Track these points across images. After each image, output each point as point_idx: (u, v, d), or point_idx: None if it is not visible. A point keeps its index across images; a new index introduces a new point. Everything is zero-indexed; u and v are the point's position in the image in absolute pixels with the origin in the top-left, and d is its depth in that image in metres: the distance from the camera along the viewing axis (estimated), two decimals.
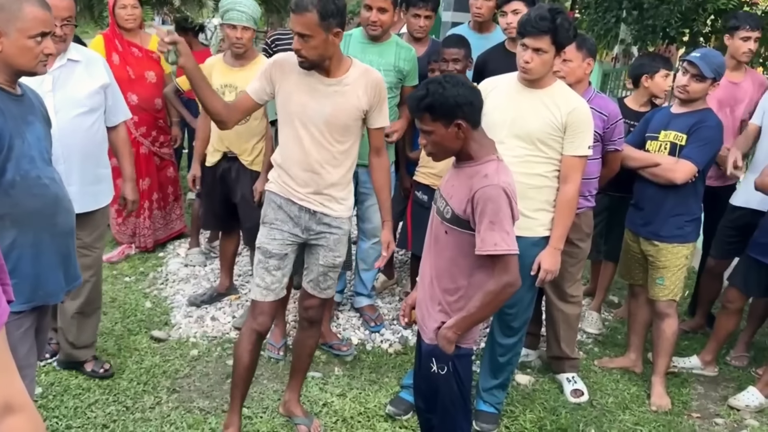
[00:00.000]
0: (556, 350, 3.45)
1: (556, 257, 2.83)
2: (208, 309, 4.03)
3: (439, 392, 2.30)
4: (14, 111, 2.16)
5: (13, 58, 2.11)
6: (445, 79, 2.14)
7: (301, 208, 2.72)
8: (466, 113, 2.12)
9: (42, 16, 2.13)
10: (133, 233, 4.79)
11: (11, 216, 2.15)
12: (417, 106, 2.14)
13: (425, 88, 2.14)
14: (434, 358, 2.25)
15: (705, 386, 3.63)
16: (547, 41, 2.66)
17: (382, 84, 2.74)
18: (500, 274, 2.12)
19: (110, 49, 4.44)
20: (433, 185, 3.52)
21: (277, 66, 2.65)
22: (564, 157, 2.79)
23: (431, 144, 2.19)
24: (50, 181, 2.28)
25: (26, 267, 2.22)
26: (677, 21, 6.03)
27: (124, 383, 3.21)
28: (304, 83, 2.62)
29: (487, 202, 2.08)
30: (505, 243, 2.08)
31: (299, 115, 2.63)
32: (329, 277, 2.84)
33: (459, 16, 7.41)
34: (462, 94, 2.11)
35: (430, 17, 3.90)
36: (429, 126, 2.14)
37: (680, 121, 3.26)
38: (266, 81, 2.66)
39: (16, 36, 2.09)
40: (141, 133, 4.59)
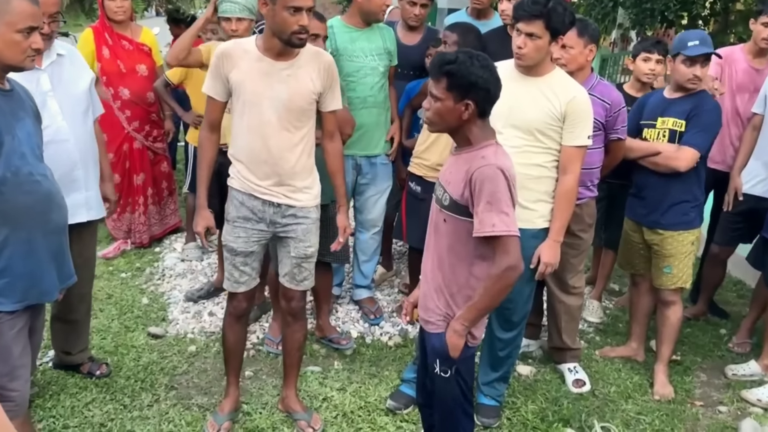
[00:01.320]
0: (558, 341, 3.42)
1: (555, 250, 2.78)
2: (206, 304, 3.99)
3: (441, 392, 2.26)
4: (3, 107, 2.12)
5: (1, 52, 2.07)
6: (477, 56, 2.09)
7: (264, 203, 2.66)
8: (480, 97, 2.07)
9: (30, 10, 2.09)
10: (128, 229, 4.75)
11: (3, 214, 2.12)
12: (440, 68, 2.08)
13: (455, 55, 2.08)
14: (438, 360, 2.21)
15: (708, 374, 3.61)
16: (540, 26, 2.60)
17: (333, 66, 2.69)
18: (500, 257, 2.05)
19: (100, 42, 4.38)
20: (426, 176, 3.47)
21: (225, 57, 2.57)
22: (563, 147, 2.74)
23: (434, 111, 2.13)
24: (42, 178, 2.23)
25: (19, 265, 2.18)
26: (676, 4, 5.98)
27: (122, 381, 3.18)
28: (255, 69, 2.54)
29: (484, 181, 2.03)
30: (504, 224, 2.02)
31: (255, 102, 2.56)
32: (304, 268, 2.79)
33: (455, 2, 7.34)
34: (485, 78, 2.06)
35: (426, 5, 3.85)
36: (441, 93, 2.09)
37: (677, 107, 3.20)
38: (217, 76, 2.59)
39: (3, 30, 2.05)
40: (134, 128, 4.53)
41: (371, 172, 3.76)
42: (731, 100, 3.85)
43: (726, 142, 3.86)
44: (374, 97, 3.61)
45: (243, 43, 2.62)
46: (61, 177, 2.48)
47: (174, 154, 5.69)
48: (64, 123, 2.70)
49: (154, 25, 8.49)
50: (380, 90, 3.64)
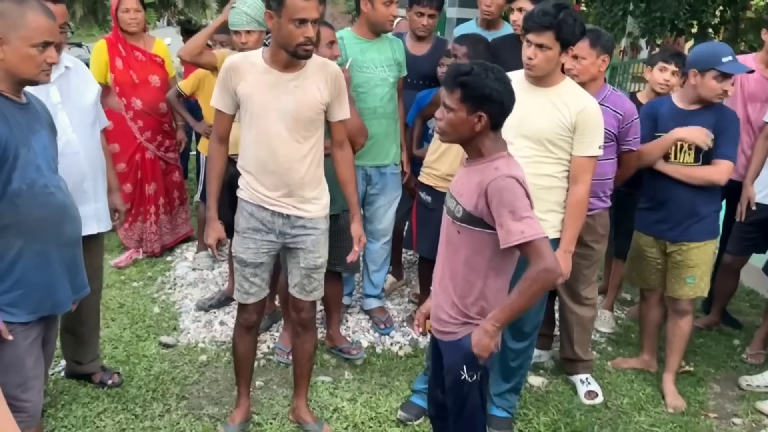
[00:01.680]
0: (570, 352, 3.40)
1: (567, 260, 2.77)
2: (217, 313, 4.00)
3: (463, 399, 2.24)
4: (20, 119, 2.13)
5: (15, 66, 2.08)
6: (493, 68, 2.09)
7: (273, 214, 2.67)
8: (493, 110, 2.07)
9: (46, 25, 2.10)
10: (140, 238, 4.77)
11: (17, 225, 2.13)
12: (454, 79, 2.08)
13: (471, 66, 2.08)
14: (466, 366, 2.19)
15: (721, 385, 3.58)
16: (550, 37, 2.60)
17: (340, 76, 2.69)
18: (535, 261, 2.03)
19: (113, 53, 4.41)
20: (437, 186, 3.47)
21: (232, 70, 2.58)
22: (574, 157, 2.73)
23: (447, 122, 2.13)
24: (57, 190, 2.25)
25: (33, 277, 2.19)
26: (686, 12, 5.97)
27: (133, 391, 3.19)
28: (262, 82, 2.56)
29: (502, 192, 2.03)
30: (532, 228, 2.01)
31: (263, 115, 2.57)
32: (313, 279, 2.80)
33: (465, 12, 7.37)
34: (499, 91, 2.06)
35: (433, 16, 3.86)
36: (454, 103, 2.08)
37: (700, 120, 3.13)
38: (225, 89, 2.61)
39: (18, 44, 2.06)
40: (146, 138, 4.56)
41: (381, 182, 3.76)
42: (743, 108, 3.84)
43: (738, 150, 3.84)
44: (384, 108, 3.62)
45: (250, 56, 2.63)
46: (72, 189, 2.49)
47: (185, 164, 5.73)
48: (74, 135, 2.73)
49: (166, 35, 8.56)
50: (390, 101, 3.65)
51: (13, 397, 2.18)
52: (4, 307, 2.13)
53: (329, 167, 2.84)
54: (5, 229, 2.11)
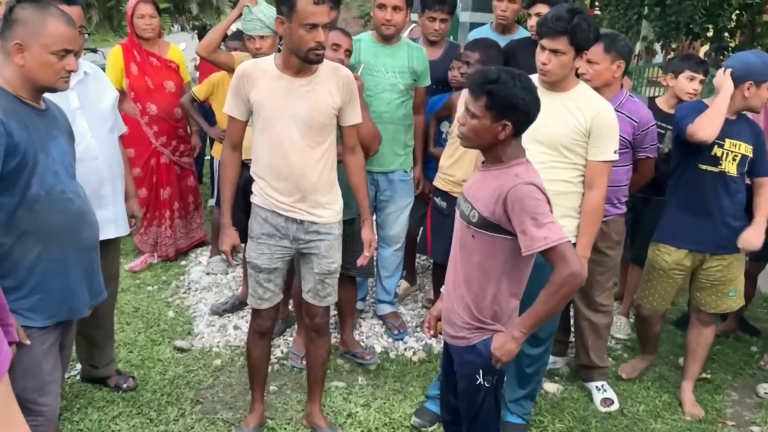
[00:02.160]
0: (585, 359, 3.38)
1: (583, 266, 2.74)
2: (231, 318, 4.01)
3: (478, 404, 2.23)
4: (38, 125, 2.15)
5: (34, 73, 2.10)
6: (520, 76, 2.07)
7: (287, 219, 2.67)
8: (519, 119, 2.06)
9: (66, 33, 2.12)
10: (154, 242, 4.79)
11: (36, 231, 2.14)
12: (480, 86, 2.05)
13: (498, 73, 2.05)
14: (482, 370, 2.18)
15: (739, 392, 3.53)
16: (564, 42, 2.58)
17: (352, 80, 2.70)
18: (561, 266, 2.02)
19: (129, 59, 4.44)
20: (452, 192, 3.46)
21: (244, 77, 2.59)
22: (589, 162, 2.71)
23: (469, 128, 2.11)
24: (75, 196, 2.26)
25: (51, 282, 2.21)
26: (701, 16, 5.93)
27: (148, 395, 3.20)
28: (274, 87, 2.57)
29: (523, 199, 2.01)
30: (555, 234, 2.00)
31: (275, 120, 2.57)
32: (327, 284, 2.80)
33: (478, 17, 7.34)
34: (526, 100, 2.04)
35: (445, 20, 3.85)
36: (478, 110, 2.06)
37: (742, 130, 3.06)
38: (238, 96, 2.62)
39: (38, 51, 2.08)
40: (161, 143, 4.59)
41: (389, 189, 3.74)
42: (765, 116, 3.79)
43: None
44: (390, 114, 3.57)
45: (261, 63, 2.64)
46: (90, 194, 2.50)
47: (200, 169, 5.75)
48: (93, 140, 2.75)
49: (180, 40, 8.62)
50: (398, 107, 3.59)
51: (31, 401, 2.20)
52: (22, 311, 2.15)
53: (342, 172, 2.84)
54: (24, 235, 2.13)
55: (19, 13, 2.07)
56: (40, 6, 2.11)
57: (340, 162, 2.82)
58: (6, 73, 2.10)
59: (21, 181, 2.08)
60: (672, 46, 6.88)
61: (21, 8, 2.08)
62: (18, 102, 2.11)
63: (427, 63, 3.67)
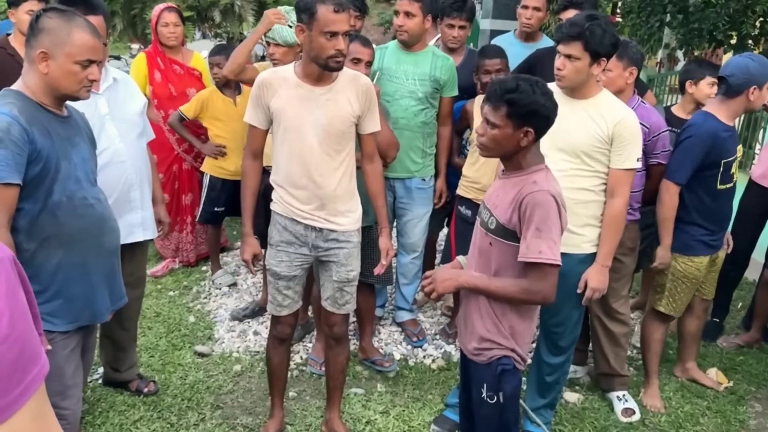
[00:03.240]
0: (605, 367, 3.34)
1: (603, 275, 2.73)
2: (251, 323, 4.03)
3: (487, 418, 2.24)
4: (61, 133, 2.18)
5: (58, 81, 2.12)
6: (537, 83, 2.08)
7: (306, 227, 2.68)
8: (539, 125, 2.08)
9: (91, 43, 2.14)
10: (176, 248, 4.84)
11: (58, 237, 2.17)
12: (500, 96, 2.06)
13: (516, 82, 2.06)
14: (485, 384, 2.19)
15: (763, 404, 3.48)
16: (578, 48, 2.56)
17: (371, 88, 2.70)
18: (537, 283, 2.05)
19: (152, 66, 4.51)
20: (476, 199, 3.46)
21: (265, 86, 2.60)
22: (611, 170, 2.69)
23: (490, 138, 2.11)
24: (96, 202, 2.29)
25: (73, 287, 2.24)
26: (725, 24, 5.87)
27: (169, 399, 3.22)
28: (294, 96, 2.58)
29: (535, 207, 2.02)
30: (551, 252, 2.01)
31: (295, 129, 2.58)
32: (346, 292, 2.80)
33: (498, 24, 7.34)
34: (546, 106, 2.06)
35: (464, 27, 3.85)
36: (499, 120, 2.07)
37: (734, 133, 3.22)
38: (258, 105, 2.63)
39: (63, 60, 2.10)
40: (183, 149, 4.64)
41: (407, 196, 3.73)
42: None
43: None
44: (407, 120, 3.57)
45: (281, 71, 2.65)
46: (119, 197, 2.53)
47: None
48: (122, 145, 2.78)
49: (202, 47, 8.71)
50: (416, 114, 3.58)
51: (53, 405, 2.21)
52: (44, 316, 2.16)
53: (361, 180, 2.85)
54: (46, 241, 2.16)
55: (46, 22, 2.09)
56: (66, 15, 2.13)
57: (359, 169, 2.83)
58: (29, 81, 2.13)
59: (43, 188, 2.11)
60: (695, 54, 6.81)
61: (47, 17, 2.10)
62: (41, 109, 2.14)
63: (454, 72, 3.64)
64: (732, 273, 4.06)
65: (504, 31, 4.76)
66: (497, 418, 2.22)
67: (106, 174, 2.41)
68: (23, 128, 2.02)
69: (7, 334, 0.76)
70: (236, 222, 5.71)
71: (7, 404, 0.76)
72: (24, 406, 0.78)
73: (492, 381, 2.17)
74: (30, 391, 0.78)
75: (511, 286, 2.09)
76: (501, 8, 7.41)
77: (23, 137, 2.01)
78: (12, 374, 0.77)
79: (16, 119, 2.01)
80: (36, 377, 0.79)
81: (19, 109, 2.05)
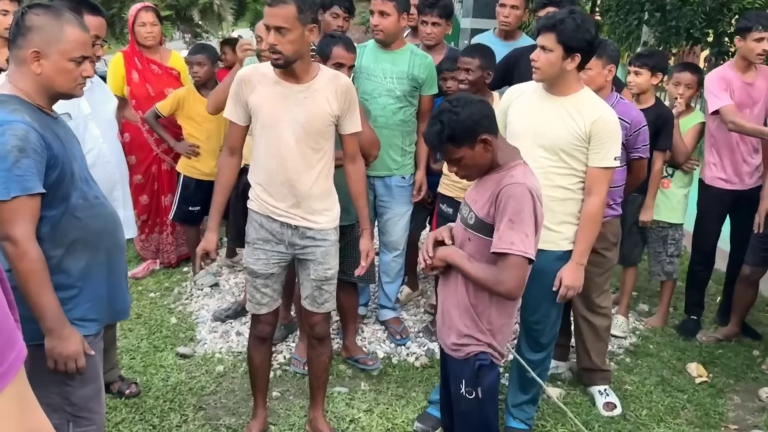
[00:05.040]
0: (587, 362, 3.37)
1: (578, 273, 2.72)
2: (233, 324, 4.01)
3: (466, 413, 2.25)
4: (61, 134, 2.10)
5: (53, 80, 2.03)
6: (452, 104, 2.12)
7: (282, 225, 2.67)
8: (486, 127, 2.10)
9: (83, 39, 2.06)
10: (156, 249, 4.80)
11: (83, 239, 2.11)
12: (438, 141, 2.12)
13: (438, 121, 2.10)
14: (464, 380, 2.21)
15: (741, 396, 3.53)
16: (552, 39, 2.56)
17: (351, 89, 2.69)
18: (505, 274, 2.06)
19: (130, 66, 4.46)
20: (458, 198, 3.47)
21: (244, 82, 2.61)
22: (589, 168, 2.69)
23: (463, 168, 2.17)
24: (104, 199, 2.25)
25: (99, 288, 2.18)
26: (701, 22, 5.93)
27: (151, 401, 3.20)
28: (273, 93, 2.58)
29: (509, 199, 2.04)
30: (523, 245, 2.03)
31: (272, 126, 2.58)
32: (324, 291, 2.79)
33: (478, 23, 7.37)
34: (476, 111, 2.08)
35: (437, 24, 3.86)
36: (456, 154, 2.12)
37: None
38: (237, 101, 2.63)
39: (56, 57, 2.00)
40: (162, 150, 4.60)
41: (387, 194, 3.74)
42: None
43: (739, 160, 3.93)
44: (385, 119, 3.57)
45: (261, 68, 2.65)
46: None
47: None
48: (105, 145, 2.77)
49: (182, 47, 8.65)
50: (395, 113, 3.58)
51: (89, 410, 2.16)
52: (76, 321, 2.09)
53: (341, 177, 2.85)
54: (73, 245, 2.09)
55: (34, 19, 1.98)
56: (54, 12, 2.03)
57: (339, 167, 2.82)
58: (21, 83, 2.02)
59: (61, 192, 2.03)
60: (672, 51, 6.88)
61: (34, 14, 1.99)
62: (39, 112, 2.04)
63: (433, 70, 3.65)
64: (701, 273, 4.19)
65: (484, 30, 4.78)
66: (476, 413, 2.24)
67: (93, 174, 2.37)
68: (39, 134, 1.94)
69: None
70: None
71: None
72: (4, 390, 0.76)
73: (470, 376, 2.19)
74: (9, 375, 0.77)
75: (483, 271, 2.11)
76: (481, 7, 7.43)
77: (41, 143, 1.94)
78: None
79: (30, 126, 1.93)
80: (14, 361, 0.78)
81: (28, 115, 1.96)
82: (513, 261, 2.04)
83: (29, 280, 1.93)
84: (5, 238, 1.91)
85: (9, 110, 1.94)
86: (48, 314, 1.96)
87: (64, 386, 2.08)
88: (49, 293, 1.96)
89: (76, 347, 2.02)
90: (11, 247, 1.92)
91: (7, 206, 1.89)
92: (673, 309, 4.41)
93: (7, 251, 1.92)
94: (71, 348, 2.01)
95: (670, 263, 4.11)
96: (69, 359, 2.01)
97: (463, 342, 2.21)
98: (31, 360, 0.85)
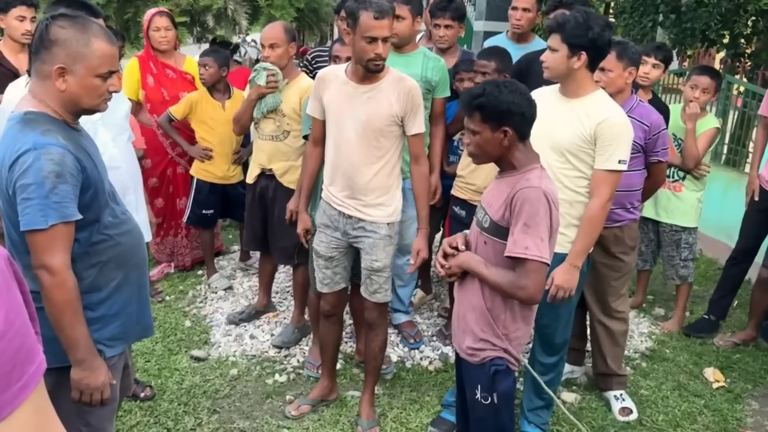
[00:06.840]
0: (603, 367, 3.35)
1: (571, 274, 2.65)
2: (247, 327, 4.02)
3: (481, 418, 2.23)
4: (89, 149, 2.01)
5: (78, 97, 1.91)
6: (504, 83, 2.12)
7: (339, 213, 2.91)
8: (516, 122, 2.09)
9: (110, 53, 1.92)
10: (171, 252, 4.83)
11: (116, 258, 2.03)
12: (470, 104, 2.12)
13: (482, 87, 2.12)
14: (479, 386, 2.19)
15: (759, 402, 3.49)
16: (557, 39, 2.59)
17: (416, 91, 2.85)
18: (523, 279, 2.04)
19: (145, 71, 4.49)
20: (471, 200, 3.46)
21: (321, 80, 2.91)
22: (593, 170, 2.65)
23: (474, 144, 2.17)
24: (129, 214, 2.17)
25: (128, 306, 2.10)
26: (717, 23, 5.89)
27: (165, 404, 3.21)
28: (342, 92, 2.83)
29: (524, 203, 2.03)
30: (537, 249, 2.01)
31: (338, 122, 2.84)
32: (373, 281, 2.94)
33: (491, 26, 7.37)
34: (516, 102, 2.07)
35: (450, 27, 3.85)
36: (477, 126, 2.12)
37: None
38: (315, 97, 2.93)
39: (83, 74, 1.87)
40: (177, 153, 4.63)
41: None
42: None
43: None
44: None
45: (337, 69, 2.93)
46: None
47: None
48: (116, 150, 2.78)
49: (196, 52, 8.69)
50: None
51: (100, 429, 2.10)
52: (105, 341, 2.02)
53: None
54: (106, 265, 2.01)
55: (59, 32, 1.84)
56: (81, 24, 1.89)
57: None
58: (47, 98, 1.90)
59: (93, 212, 1.95)
60: (688, 53, 6.83)
61: (59, 27, 1.85)
62: (67, 128, 1.93)
63: (446, 73, 3.64)
64: (731, 268, 4.12)
65: (497, 33, 4.77)
66: (492, 419, 2.22)
67: None
68: (74, 156, 1.85)
69: (4, 330, 0.75)
70: (232, 226, 5.71)
71: (6, 401, 0.76)
72: (23, 403, 0.77)
73: (486, 382, 2.17)
74: (29, 388, 0.78)
75: (501, 276, 2.10)
76: (494, 10, 7.43)
77: (76, 166, 1.85)
78: (11, 371, 0.76)
79: (66, 148, 1.83)
80: (34, 374, 0.79)
81: (61, 135, 1.86)
82: (532, 266, 2.03)
83: (65, 311, 1.84)
84: (41, 266, 1.82)
85: (41, 131, 1.83)
86: (80, 345, 1.89)
87: (83, 408, 2.00)
88: (82, 324, 1.89)
89: (104, 378, 1.95)
90: (48, 276, 1.82)
91: (45, 235, 1.81)
92: (690, 313, 4.37)
93: (43, 281, 1.83)
94: (99, 380, 1.94)
95: (684, 267, 4.07)
96: (96, 391, 1.95)
97: (479, 346, 2.20)
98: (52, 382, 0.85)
